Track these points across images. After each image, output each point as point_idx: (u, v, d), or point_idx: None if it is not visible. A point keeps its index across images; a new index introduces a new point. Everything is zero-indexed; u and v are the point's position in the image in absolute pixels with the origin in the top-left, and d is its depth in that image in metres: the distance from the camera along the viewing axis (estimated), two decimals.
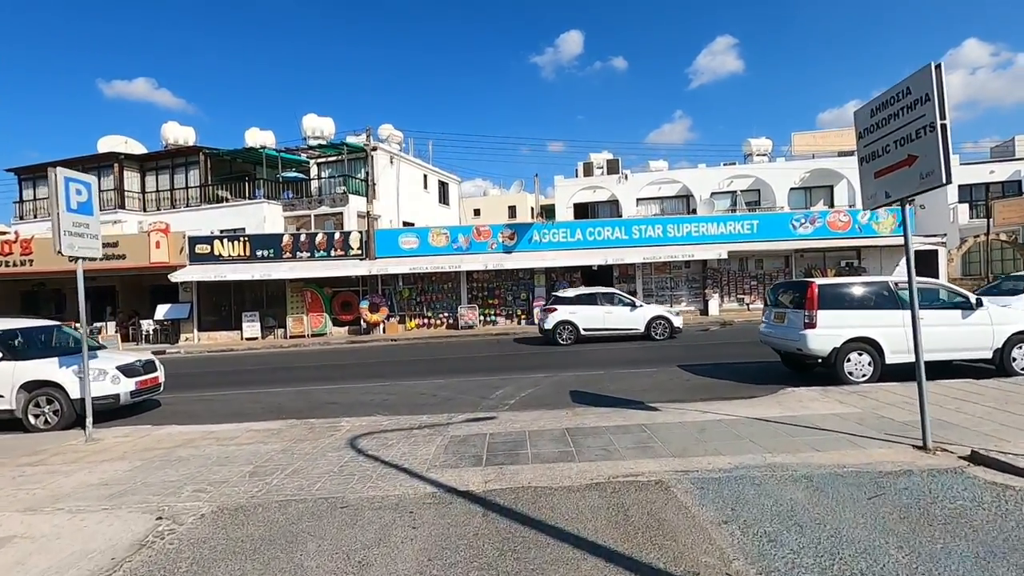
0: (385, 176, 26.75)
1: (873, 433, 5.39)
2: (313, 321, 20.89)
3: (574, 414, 6.95)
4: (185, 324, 21.40)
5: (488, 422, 6.74)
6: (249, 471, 5.18)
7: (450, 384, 10.08)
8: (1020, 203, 21.50)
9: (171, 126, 31.00)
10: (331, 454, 5.62)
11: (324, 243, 21.12)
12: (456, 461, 5.15)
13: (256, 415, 8.31)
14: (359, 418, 7.47)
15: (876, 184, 5.32)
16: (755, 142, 30.44)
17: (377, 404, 8.68)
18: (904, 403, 6.49)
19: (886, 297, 8.18)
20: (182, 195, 26.56)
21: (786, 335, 8.63)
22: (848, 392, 7.21)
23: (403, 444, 5.88)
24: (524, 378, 10.17)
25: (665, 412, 6.71)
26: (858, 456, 4.74)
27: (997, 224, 21.92)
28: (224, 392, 10.62)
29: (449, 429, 6.48)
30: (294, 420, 7.52)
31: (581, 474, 4.61)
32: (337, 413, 8.12)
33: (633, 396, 8.10)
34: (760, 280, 21.86)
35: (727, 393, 8.07)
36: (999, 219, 21.76)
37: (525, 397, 8.64)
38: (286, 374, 12.74)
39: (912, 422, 5.69)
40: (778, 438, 5.35)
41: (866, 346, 7.99)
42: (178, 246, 20.90)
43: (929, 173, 4.67)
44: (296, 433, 6.69)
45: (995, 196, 25.30)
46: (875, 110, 5.30)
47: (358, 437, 6.29)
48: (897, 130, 5.00)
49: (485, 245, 21.15)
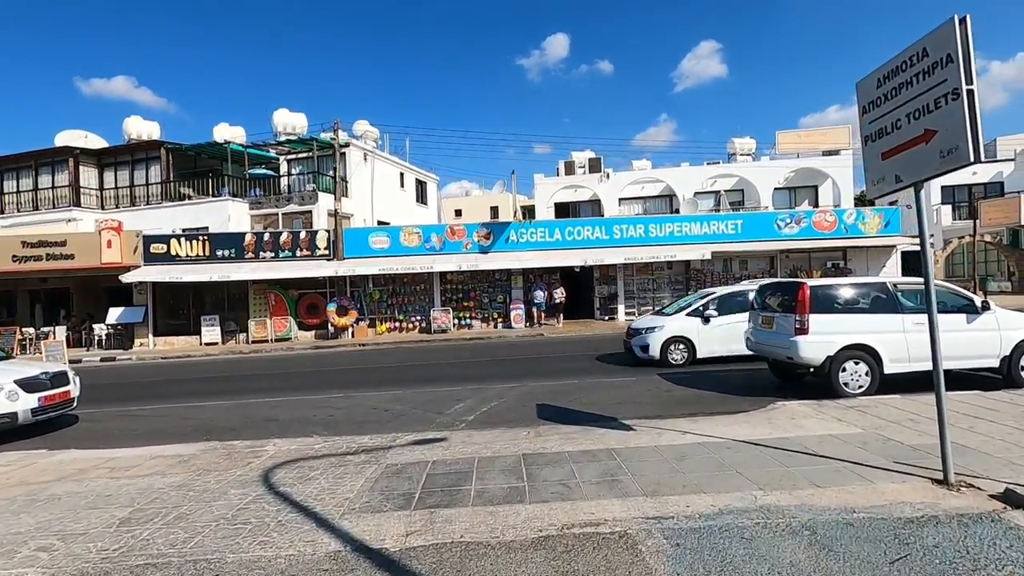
0: (359, 174, 25.67)
1: (881, 461, 4.56)
2: (277, 325, 19.73)
3: (536, 434, 6.04)
4: (140, 328, 20.09)
5: (436, 445, 5.81)
6: (123, 517, 4.18)
7: (407, 396, 9.11)
8: (1007, 203, 21.13)
9: (134, 120, 29.58)
10: (234, 491, 4.64)
11: (289, 243, 19.97)
12: (381, 502, 4.20)
13: (177, 435, 7.26)
14: (291, 439, 6.49)
15: (884, 167, 4.48)
16: (739, 141, 29.92)
17: (319, 421, 7.69)
18: (910, 421, 5.69)
19: (884, 300, 7.41)
20: (143, 192, 25.16)
21: (775, 342, 7.82)
22: (845, 407, 6.40)
23: (327, 476, 4.92)
24: (489, 389, 9.24)
25: (640, 432, 5.83)
26: (868, 494, 3.89)
27: (983, 225, 21.53)
28: (156, 406, 9.53)
29: (388, 455, 5.53)
30: (215, 443, 6.51)
31: (529, 522, 3.70)
32: (270, 433, 7.14)
33: (606, 411, 7.22)
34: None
35: (711, 407, 7.23)
36: (985, 220, 21.37)
37: (486, 412, 7.71)
38: (233, 384, 11.65)
39: (923, 446, 4.88)
40: (770, 468, 4.49)
41: (863, 354, 7.20)
42: (132, 245, 19.60)
43: (952, 150, 3.85)
44: (208, 460, 5.68)
45: (978, 197, 24.99)
46: (883, 79, 4.47)
47: (278, 467, 5.31)
48: (910, 101, 4.18)
49: (460, 245, 20.18)
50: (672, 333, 10.47)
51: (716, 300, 10.84)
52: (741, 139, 30.05)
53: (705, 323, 10.44)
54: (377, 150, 28.42)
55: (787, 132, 26.16)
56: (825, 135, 25.72)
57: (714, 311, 10.49)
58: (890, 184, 4.46)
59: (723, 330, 10.36)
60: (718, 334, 10.39)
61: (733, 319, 10.35)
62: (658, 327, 10.66)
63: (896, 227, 20.33)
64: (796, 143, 25.91)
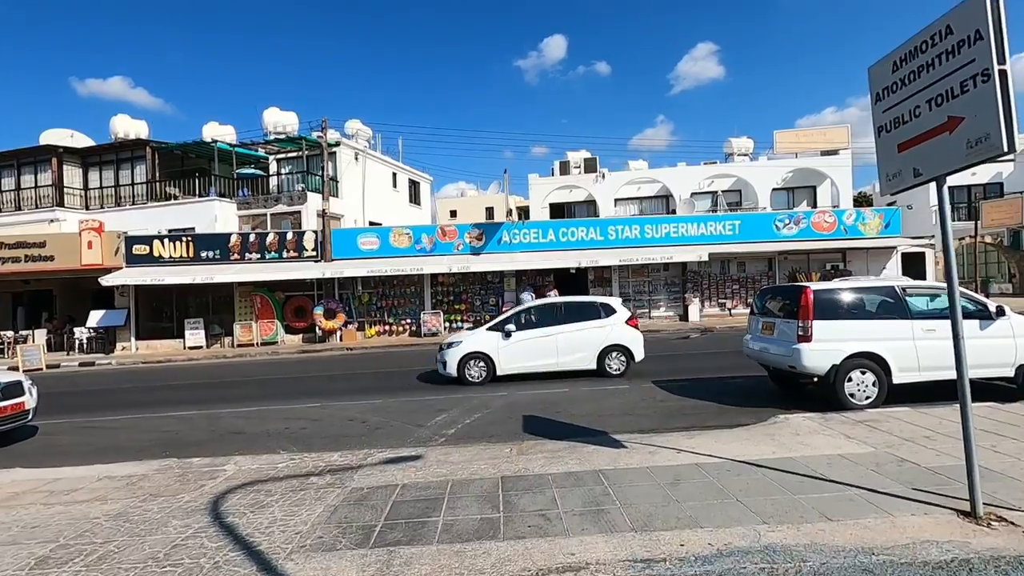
0: (350, 173, 25.16)
1: (897, 487, 4.09)
2: (263, 328, 19.21)
3: (519, 452, 5.56)
4: (122, 332, 19.55)
5: (409, 465, 5.32)
6: (41, 556, 3.68)
7: (388, 406, 8.62)
8: (1009, 204, 20.74)
9: (121, 119, 28.93)
10: (176, 522, 4.14)
11: (276, 244, 19.46)
12: (335, 538, 3.71)
13: (136, 451, 6.76)
14: (255, 456, 6.00)
15: (900, 159, 4.02)
16: (736, 142, 29.51)
17: (289, 434, 7.20)
18: (925, 438, 5.22)
19: (893, 304, 6.95)
20: (128, 192, 24.59)
21: (776, 350, 7.35)
22: (853, 421, 5.94)
23: (282, 503, 4.43)
24: (474, 398, 8.75)
25: (631, 450, 5.36)
26: (887, 530, 3.42)
27: (985, 225, 21.15)
28: (123, 416, 9.01)
29: (355, 476, 5.04)
30: (173, 461, 6.02)
31: (500, 565, 3.21)
32: (236, 447, 6.65)
33: (596, 423, 6.76)
34: (743, 284, 20.75)
35: (708, 419, 6.76)
36: (987, 220, 20.99)
37: (470, 424, 7.22)
38: (209, 392, 11.13)
39: (943, 468, 4.42)
40: (774, 496, 4.02)
41: (870, 363, 6.74)
42: (113, 246, 19.06)
43: (981, 140, 3.39)
44: (159, 483, 5.19)
45: (978, 198, 24.61)
46: (900, 62, 4.01)
47: (232, 491, 4.82)
48: (932, 85, 3.72)
49: (451, 246, 19.70)
50: (470, 349, 9.87)
51: (521, 313, 10.35)
52: (738, 139, 29.64)
53: (506, 338, 9.84)
54: (369, 150, 27.91)
55: (785, 132, 25.76)
56: (824, 135, 25.33)
57: (513, 326, 9.95)
58: (907, 179, 3.99)
59: (523, 346, 9.85)
60: (518, 350, 9.84)
61: (535, 334, 9.94)
62: (456, 343, 10.03)
63: (896, 228, 19.93)
64: (794, 143, 25.51)
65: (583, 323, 10.00)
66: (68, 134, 27.99)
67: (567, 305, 10.46)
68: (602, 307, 10.30)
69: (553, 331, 9.96)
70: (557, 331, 9.96)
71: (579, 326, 9.97)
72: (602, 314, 10.15)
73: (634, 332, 10.14)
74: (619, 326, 10.06)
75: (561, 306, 10.43)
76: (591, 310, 10.27)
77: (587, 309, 10.30)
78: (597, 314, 10.15)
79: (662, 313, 20.67)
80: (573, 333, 9.94)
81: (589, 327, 9.98)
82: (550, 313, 10.27)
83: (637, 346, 10.07)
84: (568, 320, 10.04)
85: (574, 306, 10.41)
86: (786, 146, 25.54)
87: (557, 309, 10.36)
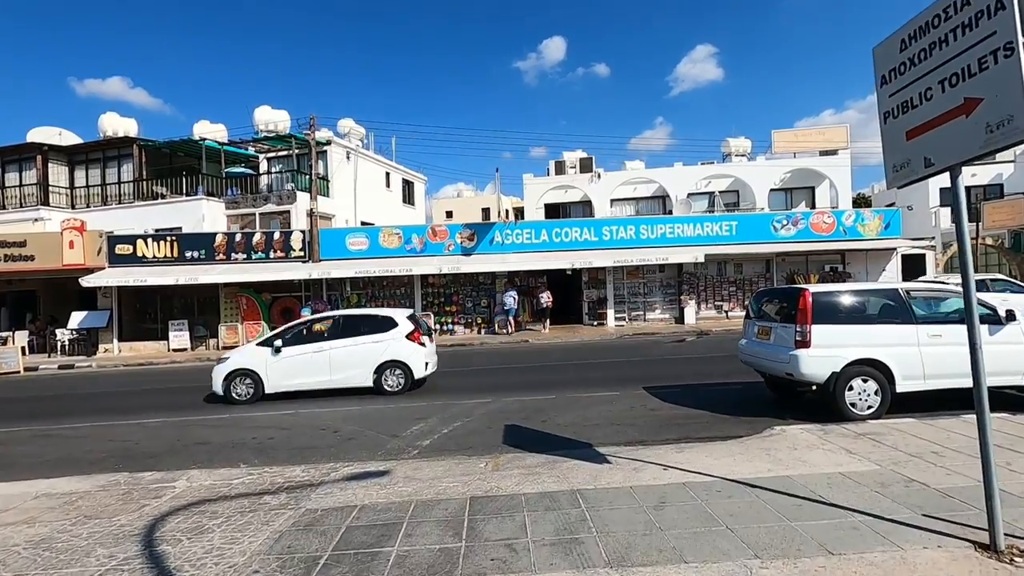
0: (341, 173, 24.72)
1: (906, 513, 3.67)
2: (249, 330, 18.74)
3: (494, 467, 5.15)
4: (104, 333, 19.07)
5: (373, 482, 4.90)
6: None
7: (364, 413, 8.20)
8: (1011, 205, 20.37)
9: (109, 117, 28.44)
10: (101, 551, 3.71)
11: (262, 244, 19.02)
12: (273, 572, 3.29)
13: (87, 464, 6.33)
14: (211, 471, 5.58)
15: (909, 148, 3.61)
16: (734, 142, 29.11)
17: (256, 445, 6.77)
18: (933, 455, 4.81)
19: (896, 308, 6.54)
20: (115, 191, 24.12)
21: (773, 356, 6.94)
22: (854, 434, 5.52)
23: (225, 528, 4.00)
24: (456, 405, 8.33)
25: (615, 466, 4.94)
26: (896, 567, 3.00)
27: (987, 227, 20.78)
28: (85, 424, 8.56)
29: (313, 495, 4.61)
30: (123, 475, 5.59)
31: None
32: (197, 459, 6.23)
33: (580, 434, 6.34)
34: (740, 286, 20.36)
35: (700, 430, 6.35)
36: (988, 222, 20.62)
37: (447, 434, 6.80)
38: (184, 397, 10.68)
39: (955, 490, 4.01)
40: (769, 523, 3.60)
41: (872, 370, 6.33)
42: (95, 246, 18.60)
43: (1003, 123, 2.98)
44: (99, 502, 4.75)
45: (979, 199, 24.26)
46: (908, 40, 3.61)
47: (175, 512, 4.39)
48: (945, 64, 3.32)
49: (441, 247, 19.27)
50: (236, 366, 9.44)
51: (297, 327, 9.96)
52: (736, 139, 29.25)
53: (276, 354, 9.37)
54: (362, 149, 27.47)
55: (783, 131, 25.35)
56: (823, 134, 24.95)
57: (280, 341, 9.49)
58: (918, 169, 3.58)
59: (294, 362, 9.39)
60: (288, 366, 9.38)
61: (307, 349, 9.48)
62: (224, 359, 9.65)
63: (896, 229, 19.55)
64: (792, 142, 25.12)
65: (359, 338, 9.55)
66: (56, 132, 27.54)
67: (347, 318, 10.04)
68: (384, 320, 9.81)
69: (326, 346, 9.46)
70: (330, 346, 9.46)
71: (355, 341, 9.52)
72: (383, 328, 9.68)
73: (414, 347, 9.58)
74: (398, 341, 9.54)
75: (340, 319, 9.98)
76: (372, 324, 9.80)
77: (368, 323, 9.86)
78: (378, 328, 9.69)
79: (657, 315, 20.26)
80: (348, 348, 9.48)
81: (365, 342, 9.52)
82: (329, 327, 9.80)
83: (416, 361, 9.53)
84: (346, 335, 9.60)
85: (355, 320, 10.02)
86: (784, 146, 25.15)
87: (336, 323, 9.84)
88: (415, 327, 9.84)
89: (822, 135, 24.86)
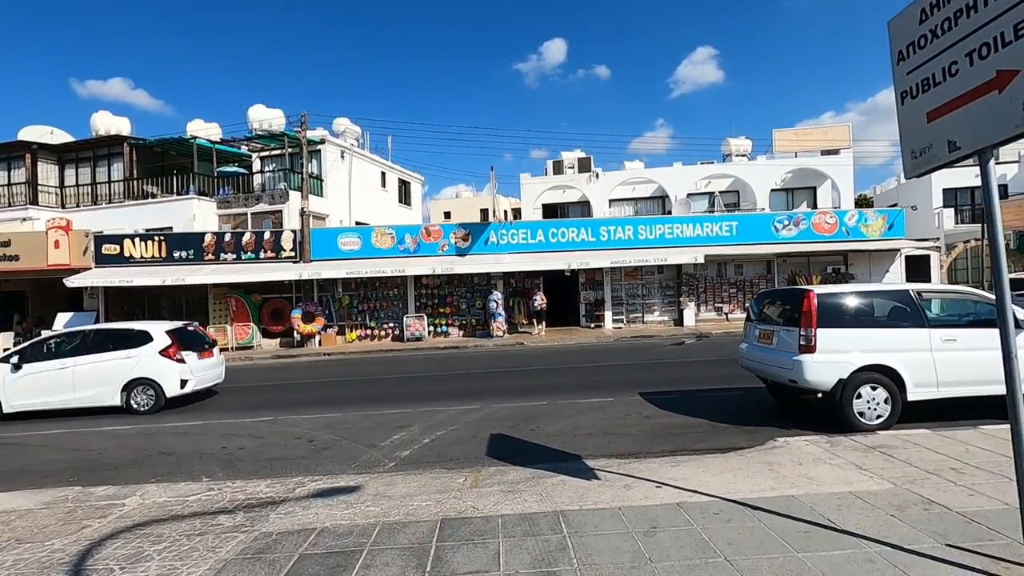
0: (335, 172, 24.33)
1: (927, 542, 3.26)
2: (238, 332, 18.34)
3: (473, 483, 4.73)
4: None
5: (340, 499, 4.49)
6: None
7: (345, 421, 7.78)
8: (1017, 206, 19.97)
9: (102, 115, 28.03)
10: None
11: (252, 244, 18.61)
12: None
13: (40, 476, 5.93)
14: (170, 485, 5.18)
15: (931, 130, 3.20)
16: (734, 141, 28.68)
17: (224, 455, 6.36)
18: (951, 471, 4.39)
19: (907, 311, 6.13)
20: (105, 190, 23.74)
21: (775, 361, 6.52)
22: (865, 447, 5.10)
23: (166, 556, 3.59)
24: (441, 412, 7.92)
25: (604, 482, 4.53)
26: None
27: None
28: (49, 431, 8.15)
29: (272, 515, 4.20)
30: (73, 490, 5.18)
31: None
32: (157, 472, 5.83)
33: (570, 445, 5.93)
34: (740, 287, 19.94)
35: (697, 441, 5.94)
36: None
37: (428, 444, 6.39)
38: None
39: (979, 513, 3.60)
40: (773, 555, 3.18)
41: (882, 377, 5.91)
42: (81, 246, 18.22)
43: None
44: (36, 522, 4.34)
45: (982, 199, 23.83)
46: (929, 9, 3.20)
47: (117, 534, 3.98)
48: (973, 33, 2.92)
49: (436, 247, 18.86)
50: None
51: (41, 343, 9.57)
52: (737, 139, 28.84)
53: (15, 371, 8.98)
54: (357, 148, 27.08)
55: (784, 131, 24.95)
56: (824, 133, 24.54)
57: (17, 357, 9.07)
58: (941, 155, 3.17)
59: (35, 379, 8.99)
60: (28, 384, 8.98)
61: (49, 366, 9.04)
62: None
63: (900, 230, 19.13)
64: (793, 142, 24.72)
65: (107, 354, 9.14)
66: (48, 131, 27.17)
67: (96, 332, 9.63)
68: (138, 335, 9.37)
69: (70, 363, 9.01)
70: (74, 363, 9.01)
71: (101, 357, 9.11)
72: (135, 343, 9.23)
73: (167, 363, 9.12)
74: (150, 357, 9.09)
75: (90, 334, 9.57)
76: (122, 339, 9.36)
77: (119, 338, 9.42)
78: (129, 343, 9.24)
79: (656, 317, 19.84)
80: (94, 365, 9.06)
81: (113, 358, 9.10)
82: (76, 343, 9.37)
83: (168, 379, 9.09)
84: (93, 351, 9.18)
85: (104, 335, 9.59)
86: (785, 145, 24.75)
87: (84, 338, 9.40)
88: (172, 342, 9.31)
89: (824, 134, 24.46)
